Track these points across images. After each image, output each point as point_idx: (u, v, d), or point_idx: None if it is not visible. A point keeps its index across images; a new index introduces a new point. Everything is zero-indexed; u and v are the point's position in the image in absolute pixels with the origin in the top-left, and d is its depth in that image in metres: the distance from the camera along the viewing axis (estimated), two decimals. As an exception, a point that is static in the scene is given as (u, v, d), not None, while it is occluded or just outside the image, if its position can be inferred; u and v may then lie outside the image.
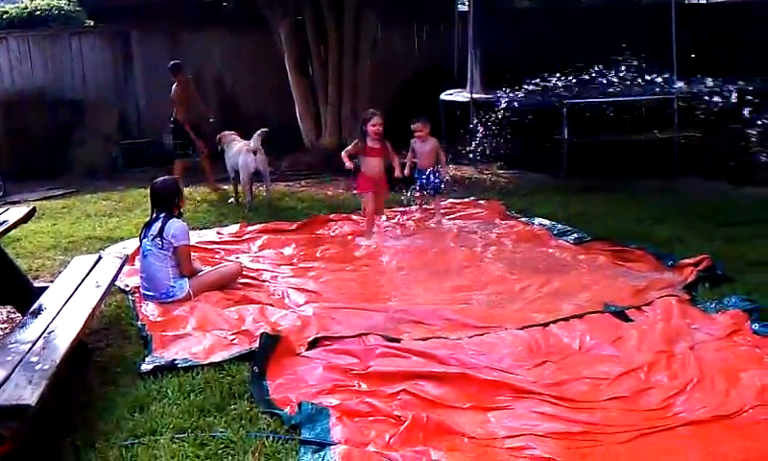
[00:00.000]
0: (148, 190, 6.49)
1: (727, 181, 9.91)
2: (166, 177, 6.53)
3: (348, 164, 8.02)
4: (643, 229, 7.79)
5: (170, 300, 5.89)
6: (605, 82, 11.41)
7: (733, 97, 10.29)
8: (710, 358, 4.62)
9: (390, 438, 3.75)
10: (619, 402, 4.14)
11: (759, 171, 10.02)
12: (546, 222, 8.17)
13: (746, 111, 10.12)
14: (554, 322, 5.22)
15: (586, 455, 3.60)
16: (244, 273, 6.57)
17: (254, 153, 9.47)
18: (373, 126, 7.90)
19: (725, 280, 6.00)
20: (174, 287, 5.95)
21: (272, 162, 10.60)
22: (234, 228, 8.48)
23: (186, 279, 6.01)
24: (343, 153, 8.08)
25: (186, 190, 10.03)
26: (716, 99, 10.51)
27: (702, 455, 3.58)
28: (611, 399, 4.16)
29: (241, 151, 9.61)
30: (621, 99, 11.32)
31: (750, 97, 10.23)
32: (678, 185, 9.98)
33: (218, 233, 8.25)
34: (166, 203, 6.11)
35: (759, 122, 10.06)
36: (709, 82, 11.08)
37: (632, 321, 5.25)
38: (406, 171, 8.39)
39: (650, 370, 4.50)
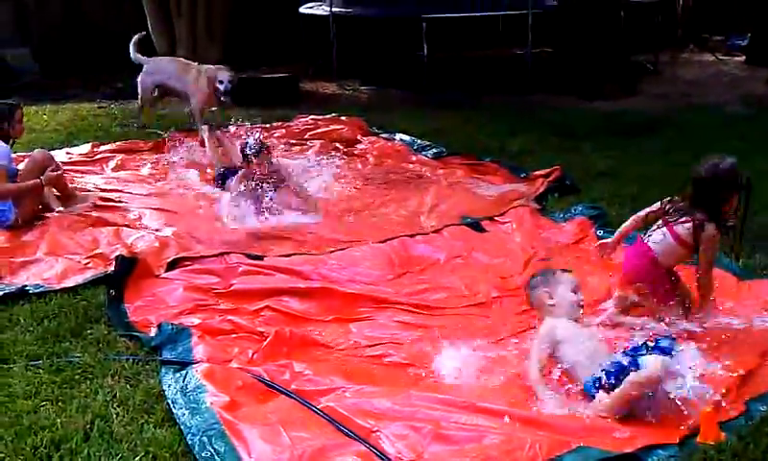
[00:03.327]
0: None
1: (576, 96, 10.33)
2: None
3: None
4: (497, 143, 8.04)
5: (7, 223, 5.61)
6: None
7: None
8: (559, 264, 4.89)
9: (253, 354, 3.78)
10: (475, 309, 4.33)
11: (608, 86, 10.50)
12: (406, 137, 8.28)
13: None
14: (413, 235, 5.34)
15: (441, 359, 3.75)
16: (100, 195, 6.32)
17: None
18: None
19: (573, 191, 6.33)
20: (4, 210, 5.65)
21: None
22: (86, 148, 8.08)
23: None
24: None
25: (32, 109, 9.52)
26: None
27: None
28: (467, 306, 4.35)
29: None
30: (478, 14, 11.48)
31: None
32: (531, 100, 10.32)
33: (67, 154, 7.84)
34: None
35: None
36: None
37: (486, 231, 5.46)
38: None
39: (504, 278, 4.73)
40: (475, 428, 3.05)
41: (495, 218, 5.67)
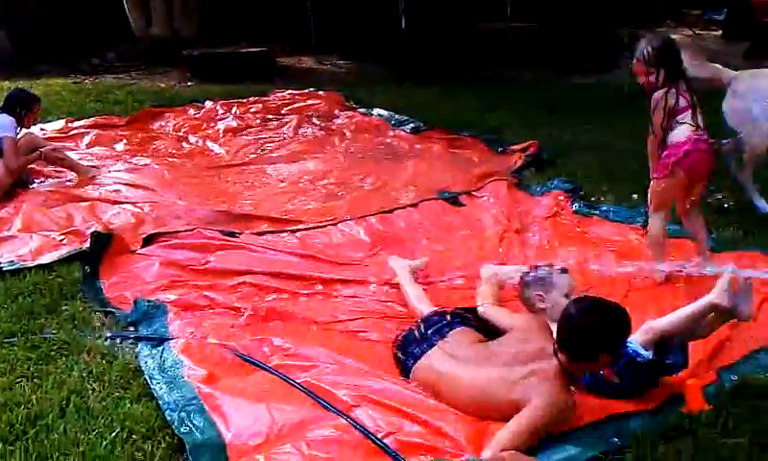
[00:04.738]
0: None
1: (555, 71, 10.35)
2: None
3: None
4: (476, 117, 8.05)
5: None
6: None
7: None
8: (535, 238, 4.92)
9: (230, 329, 3.76)
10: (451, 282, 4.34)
11: (587, 60, 10.53)
12: (384, 112, 8.27)
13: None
14: (391, 210, 5.33)
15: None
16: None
17: None
18: None
19: (550, 164, 6.35)
20: None
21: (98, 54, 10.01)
22: (59, 124, 7.99)
23: None
24: None
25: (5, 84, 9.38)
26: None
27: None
28: (445, 279, 4.36)
29: None
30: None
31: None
32: (510, 75, 10.32)
33: (41, 130, 7.74)
34: (11, 105, 6.05)
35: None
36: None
37: (463, 205, 5.47)
38: None
39: (481, 249, 4.74)
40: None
41: (473, 192, 5.68)
